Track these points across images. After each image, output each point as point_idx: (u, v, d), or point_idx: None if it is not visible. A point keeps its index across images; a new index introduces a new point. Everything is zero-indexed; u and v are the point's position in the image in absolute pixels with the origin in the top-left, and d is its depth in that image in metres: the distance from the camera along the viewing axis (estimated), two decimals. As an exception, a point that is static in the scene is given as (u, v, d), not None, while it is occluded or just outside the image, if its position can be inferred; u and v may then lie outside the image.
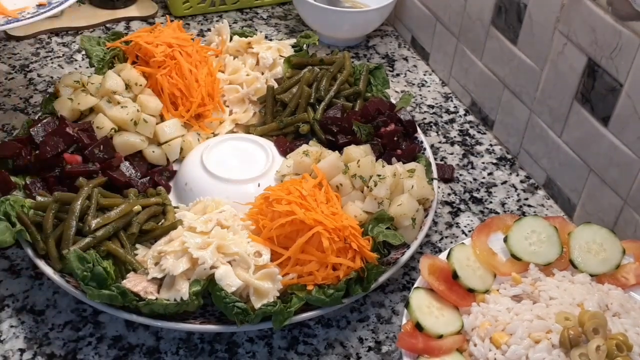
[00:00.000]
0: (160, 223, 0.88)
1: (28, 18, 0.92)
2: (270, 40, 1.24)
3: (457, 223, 1.00)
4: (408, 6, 1.31)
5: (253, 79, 1.09)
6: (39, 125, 0.94)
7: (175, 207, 0.91)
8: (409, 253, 0.88)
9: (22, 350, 0.80)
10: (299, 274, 0.81)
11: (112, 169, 0.92)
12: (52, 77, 1.20)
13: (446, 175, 1.05)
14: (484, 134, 1.15)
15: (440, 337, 0.74)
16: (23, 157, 0.92)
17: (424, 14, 1.26)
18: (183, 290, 0.77)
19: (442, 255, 0.83)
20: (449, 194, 1.04)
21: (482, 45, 1.11)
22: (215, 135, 1.04)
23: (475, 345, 0.73)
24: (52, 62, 1.24)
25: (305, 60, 1.13)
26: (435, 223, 0.99)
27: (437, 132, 1.15)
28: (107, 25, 1.34)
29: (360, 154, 0.93)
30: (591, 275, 0.80)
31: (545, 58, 0.97)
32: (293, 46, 1.18)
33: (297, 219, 0.81)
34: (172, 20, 1.15)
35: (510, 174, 1.08)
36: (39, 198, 0.87)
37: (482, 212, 1.02)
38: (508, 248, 0.83)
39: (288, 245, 0.82)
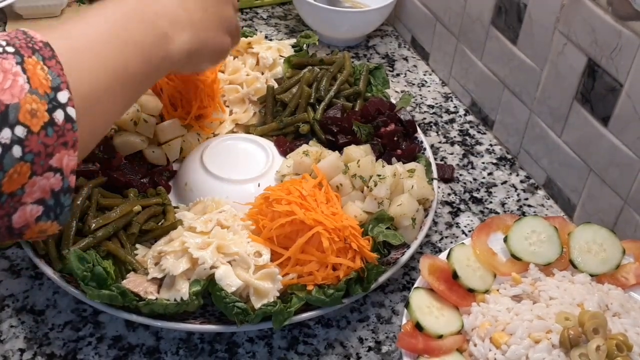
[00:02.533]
0: (160, 223, 0.88)
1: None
2: (270, 40, 1.24)
3: (457, 223, 1.00)
4: (408, 6, 1.31)
5: (253, 79, 1.09)
6: (39, 125, 0.94)
7: (175, 207, 0.91)
8: (409, 253, 0.88)
9: (22, 350, 0.80)
10: (299, 274, 0.81)
11: (112, 169, 0.92)
12: (52, 77, 1.20)
13: (446, 175, 1.05)
14: (484, 134, 1.15)
15: (440, 337, 0.74)
16: (23, 157, 0.92)
17: (424, 14, 1.26)
18: (183, 290, 0.77)
19: (442, 255, 0.83)
20: (449, 194, 1.04)
21: (482, 45, 1.11)
22: (215, 135, 1.04)
23: (475, 345, 0.73)
24: (52, 62, 1.24)
25: (305, 60, 1.13)
26: (435, 223, 0.99)
27: (437, 132, 1.15)
28: (107, 25, 1.34)
29: (360, 154, 0.93)
30: (591, 275, 0.80)
31: (545, 58, 0.97)
32: (293, 46, 1.18)
33: (297, 219, 0.81)
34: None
35: (510, 174, 1.08)
36: (39, 198, 0.87)
37: (482, 212, 1.02)
38: (508, 248, 0.83)
39: (288, 245, 0.82)
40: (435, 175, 0.98)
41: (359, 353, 0.82)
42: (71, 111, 0.57)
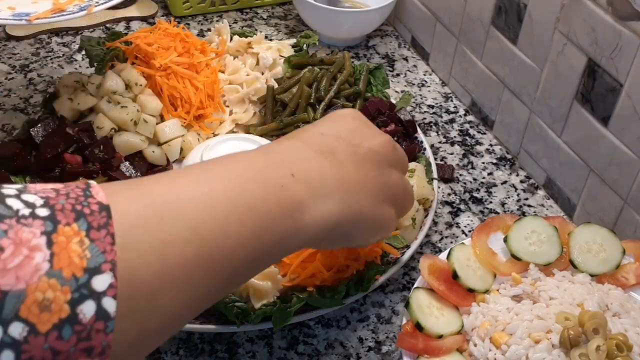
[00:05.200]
0: (160, 223, 0.87)
1: (101, 4, 0.88)
2: (270, 40, 1.24)
3: (457, 223, 1.00)
4: (408, 6, 1.31)
5: (253, 79, 1.09)
6: (39, 125, 0.94)
7: (175, 207, 0.91)
8: (409, 253, 0.88)
9: (22, 351, 0.80)
10: (299, 274, 0.81)
11: (112, 169, 0.92)
12: (52, 77, 1.20)
13: (446, 175, 1.05)
14: (484, 134, 1.15)
15: (441, 337, 0.74)
16: (23, 157, 0.92)
17: (424, 14, 1.26)
18: (183, 290, 0.77)
19: (442, 255, 0.83)
20: (449, 194, 1.04)
21: (482, 45, 1.11)
22: (215, 135, 1.04)
23: (475, 345, 0.73)
24: (52, 62, 1.24)
25: (305, 60, 1.13)
26: (435, 223, 0.99)
27: (437, 132, 1.15)
28: (107, 25, 1.34)
29: (360, 154, 0.92)
30: (591, 275, 0.80)
31: (545, 58, 0.97)
32: (293, 46, 1.18)
33: (297, 219, 0.81)
34: (177, 21, 1.15)
35: (510, 174, 1.08)
36: (39, 198, 0.86)
37: (482, 212, 1.01)
38: (508, 248, 0.83)
39: (288, 245, 0.82)
40: (435, 175, 0.98)
41: (359, 353, 0.82)
42: (109, 304, 0.39)
